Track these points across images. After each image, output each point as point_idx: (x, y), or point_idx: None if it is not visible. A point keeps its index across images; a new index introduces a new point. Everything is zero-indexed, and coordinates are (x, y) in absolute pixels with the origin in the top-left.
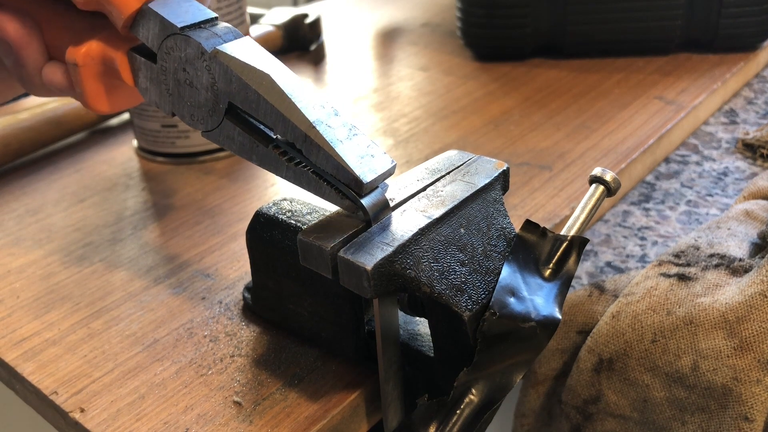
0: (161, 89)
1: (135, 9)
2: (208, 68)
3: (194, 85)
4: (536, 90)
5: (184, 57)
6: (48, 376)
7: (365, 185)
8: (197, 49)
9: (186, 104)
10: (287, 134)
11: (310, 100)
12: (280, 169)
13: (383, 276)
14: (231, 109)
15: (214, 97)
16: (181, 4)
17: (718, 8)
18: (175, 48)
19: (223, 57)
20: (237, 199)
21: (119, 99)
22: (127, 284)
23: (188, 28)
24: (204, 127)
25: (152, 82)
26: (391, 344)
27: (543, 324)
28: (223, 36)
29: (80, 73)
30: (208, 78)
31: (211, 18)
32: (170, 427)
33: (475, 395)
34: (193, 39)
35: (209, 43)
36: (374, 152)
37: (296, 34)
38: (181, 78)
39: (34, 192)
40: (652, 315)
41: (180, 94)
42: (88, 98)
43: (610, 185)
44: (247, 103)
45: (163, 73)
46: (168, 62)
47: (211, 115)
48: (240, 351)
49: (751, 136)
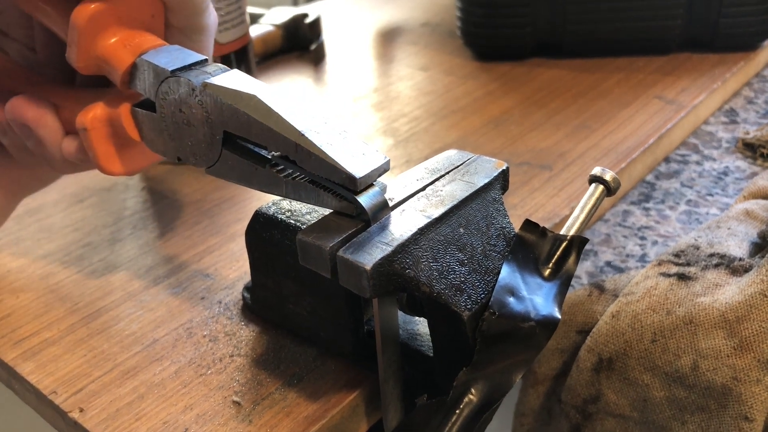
0: (164, 136)
1: (130, 63)
2: (200, 103)
3: (191, 124)
4: (536, 90)
5: (178, 98)
6: (47, 376)
7: (358, 180)
8: (188, 86)
9: (188, 145)
10: (279, 147)
11: (298, 112)
12: (279, 186)
13: (382, 276)
14: (227, 139)
15: (210, 130)
16: (171, 53)
17: (718, 8)
18: (169, 91)
19: (211, 88)
20: (236, 199)
21: (132, 159)
22: (127, 284)
23: (179, 70)
24: (206, 163)
25: (155, 131)
26: (390, 344)
27: (542, 323)
28: (212, 72)
29: (90, 137)
30: (202, 112)
31: (201, 60)
32: (169, 427)
33: (474, 395)
34: (184, 78)
35: (199, 79)
36: (366, 151)
37: (296, 33)
38: (178, 120)
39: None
40: (651, 314)
41: (181, 137)
42: (100, 160)
43: (610, 185)
44: (239, 127)
45: (162, 120)
46: (165, 107)
47: (210, 149)
48: (239, 351)
49: (752, 136)
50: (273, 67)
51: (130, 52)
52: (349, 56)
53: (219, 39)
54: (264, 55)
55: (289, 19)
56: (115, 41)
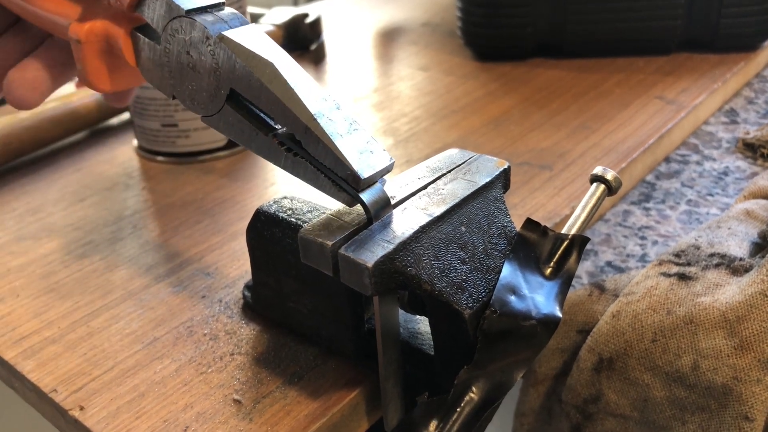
0: (163, 71)
1: None
2: (212, 53)
3: (197, 69)
4: (536, 90)
5: (188, 40)
6: (47, 374)
7: (362, 181)
8: (202, 33)
9: (187, 88)
10: (288, 125)
11: (312, 92)
12: (278, 158)
13: (384, 273)
14: (232, 96)
15: (216, 82)
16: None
17: (718, 8)
18: (179, 30)
19: (228, 42)
20: (237, 198)
21: (120, 78)
22: (127, 283)
23: (194, 11)
24: (204, 111)
25: (154, 63)
26: (391, 342)
27: (543, 322)
28: (229, 21)
29: (82, 50)
30: (212, 62)
31: (218, 3)
32: (170, 425)
33: (475, 393)
34: (199, 22)
35: (215, 28)
36: (373, 148)
37: (296, 33)
38: (184, 61)
39: (35, 191)
40: (652, 314)
41: (182, 77)
42: (89, 75)
43: (611, 184)
44: (249, 91)
45: (166, 55)
46: (172, 44)
47: (212, 100)
48: (240, 349)
49: (752, 136)
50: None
51: None
52: (349, 56)
53: None
54: None
55: (290, 19)
56: None
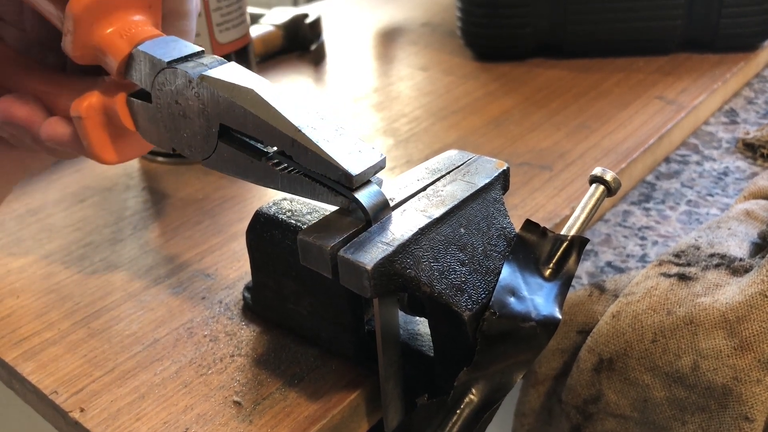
0: (159, 127)
1: (126, 53)
2: (197, 95)
3: (187, 115)
4: (536, 90)
5: (174, 89)
6: (48, 376)
7: (354, 177)
8: (185, 79)
9: (183, 136)
10: (276, 143)
11: (294, 107)
12: (275, 180)
13: (383, 275)
14: (223, 132)
15: (206, 122)
16: (168, 44)
17: (718, 8)
18: (165, 83)
19: (209, 81)
20: (237, 199)
21: (126, 148)
22: (127, 284)
23: (175, 62)
24: (202, 155)
25: (150, 121)
26: (391, 344)
27: (543, 324)
28: (209, 64)
29: (84, 125)
30: (198, 104)
31: (197, 52)
32: (170, 427)
33: (475, 395)
34: (180, 70)
35: (196, 72)
36: (362, 148)
37: (296, 34)
38: (174, 111)
39: (35, 192)
40: (652, 315)
41: (176, 128)
42: (94, 149)
43: (611, 185)
44: (235, 121)
45: (158, 111)
46: (161, 98)
47: (206, 141)
48: (240, 351)
49: (752, 136)
50: (273, 67)
51: (126, 42)
52: (349, 56)
53: (219, 39)
54: (264, 55)
55: (290, 20)
56: (112, 31)
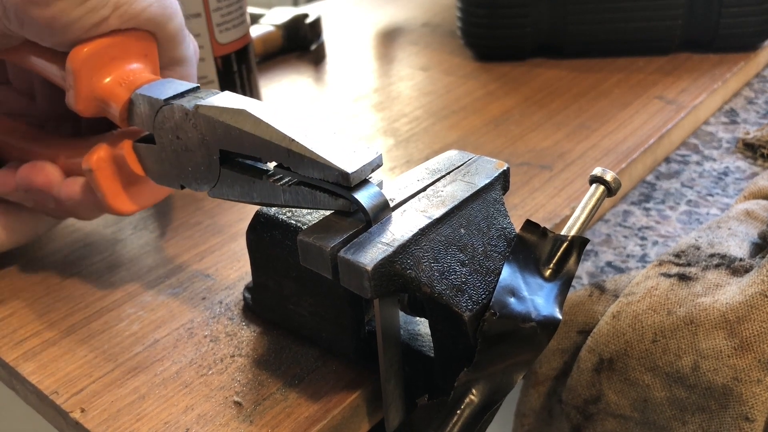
0: (165, 166)
1: (126, 99)
2: (194, 125)
3: (189, 148)
4: (536, 90)
5: (174, 125)
6: (48, 376)
7: (351, 175)
8: (182, 112)
9: (188, 170)
10: (273, 156)
11: (286, 121)
12: (278, 196)
13: (383, 276)
14: (224, 158)
15: (207, 151)
16: (164, 84)
17: (718, 8)
18: (165, 120)
19: (203, 109)
20: None
21: (140, 195)
22: (128, 284)
23: (172, 98)
24: (208, 185)
25: (157, 162)
26: (391, 344)
27: (543, 324)
28: (203, 97)
29: (96, 177)
30: (197, 134)
31: (193, 87)
32: (170, 427)
33: (475, 395)
34: (177, 104)
35: (191, 104)
36: (356, 149)
37: (296, 34)
38: (177, 147)
39: None
40: (652, 315)
41: (180, 163)
42: (109, 199)
43: (611, 185)
44: (233, 143)
45: (162, 150)
46: (163, 136)
47: (209, 171)
48: (240, 351)
49: (752, 136)
50: (273, 67)
51: (125, 89)
52: (349, 56)
53: (219, 39)
54: (264, 55)
55: (290, 20)
56: (110, 80)
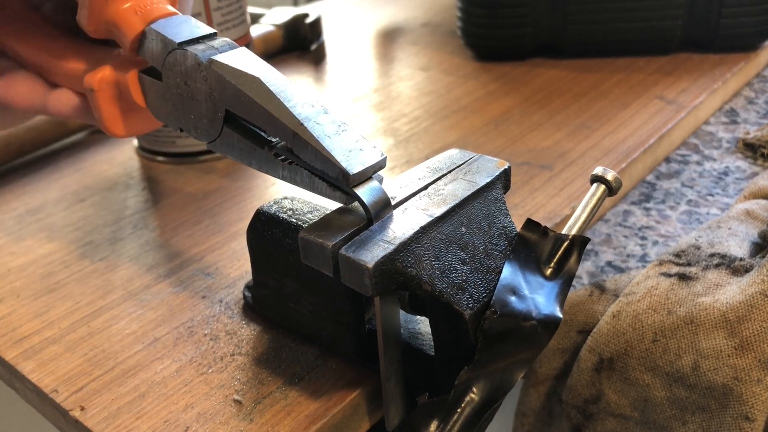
0: (168, 106)
1: (139, 30)
2: (205, 78)
3: (195, 97)
4: (536, 90)
5: (184, 71)
6: (48, 375)
7: (351, 177)
8: (194, 61)
9: (190, 118)
10: (278, 134)
11: (299, 100)
12: (276, 170)
13: (384, 274)
14: (229, 117)
15: (212, 107)
16: (181, 24)
17: (718, 8)
18: (176, 63)
19: (217, 66)
20: (237, 198)
21: (135, 122)
22: (128, 283)
23: (186, 43)
24: (207, 138)
25: (160, 99)
26: (392, 343)
27: (544, 323)
28: (219, 48)
29: (96, 98)
30: (206, 88)
31: (210, 33)
32: (170, 426)
33: (475, 394)
34: (191, 52)
35: (205, 55)
36: (363, 146)
37: (296, 34)
38: (183, 92)
39: (35, 191)
40: (652, 314)
41: (184, 108)
42: (105, 122)
43: (612, 184)
44: (241, 108)
45: (168, 90)
46: (171, 78)
47: (212, 125)
48: (240, 350)
49: (752, 136)
50: (273, 67)
51: (140, 20)
52: (349, 56)
53: None
54: (264, 55)
55: (290, 19)
56: (128, 7)
